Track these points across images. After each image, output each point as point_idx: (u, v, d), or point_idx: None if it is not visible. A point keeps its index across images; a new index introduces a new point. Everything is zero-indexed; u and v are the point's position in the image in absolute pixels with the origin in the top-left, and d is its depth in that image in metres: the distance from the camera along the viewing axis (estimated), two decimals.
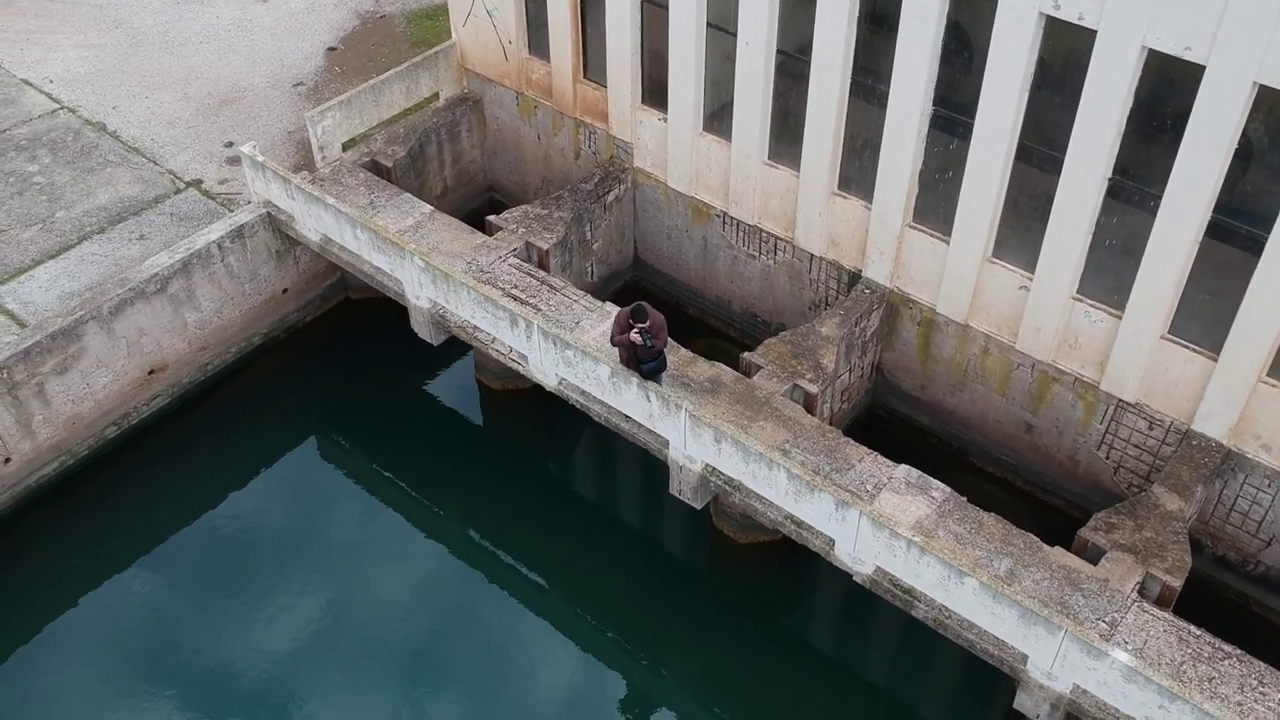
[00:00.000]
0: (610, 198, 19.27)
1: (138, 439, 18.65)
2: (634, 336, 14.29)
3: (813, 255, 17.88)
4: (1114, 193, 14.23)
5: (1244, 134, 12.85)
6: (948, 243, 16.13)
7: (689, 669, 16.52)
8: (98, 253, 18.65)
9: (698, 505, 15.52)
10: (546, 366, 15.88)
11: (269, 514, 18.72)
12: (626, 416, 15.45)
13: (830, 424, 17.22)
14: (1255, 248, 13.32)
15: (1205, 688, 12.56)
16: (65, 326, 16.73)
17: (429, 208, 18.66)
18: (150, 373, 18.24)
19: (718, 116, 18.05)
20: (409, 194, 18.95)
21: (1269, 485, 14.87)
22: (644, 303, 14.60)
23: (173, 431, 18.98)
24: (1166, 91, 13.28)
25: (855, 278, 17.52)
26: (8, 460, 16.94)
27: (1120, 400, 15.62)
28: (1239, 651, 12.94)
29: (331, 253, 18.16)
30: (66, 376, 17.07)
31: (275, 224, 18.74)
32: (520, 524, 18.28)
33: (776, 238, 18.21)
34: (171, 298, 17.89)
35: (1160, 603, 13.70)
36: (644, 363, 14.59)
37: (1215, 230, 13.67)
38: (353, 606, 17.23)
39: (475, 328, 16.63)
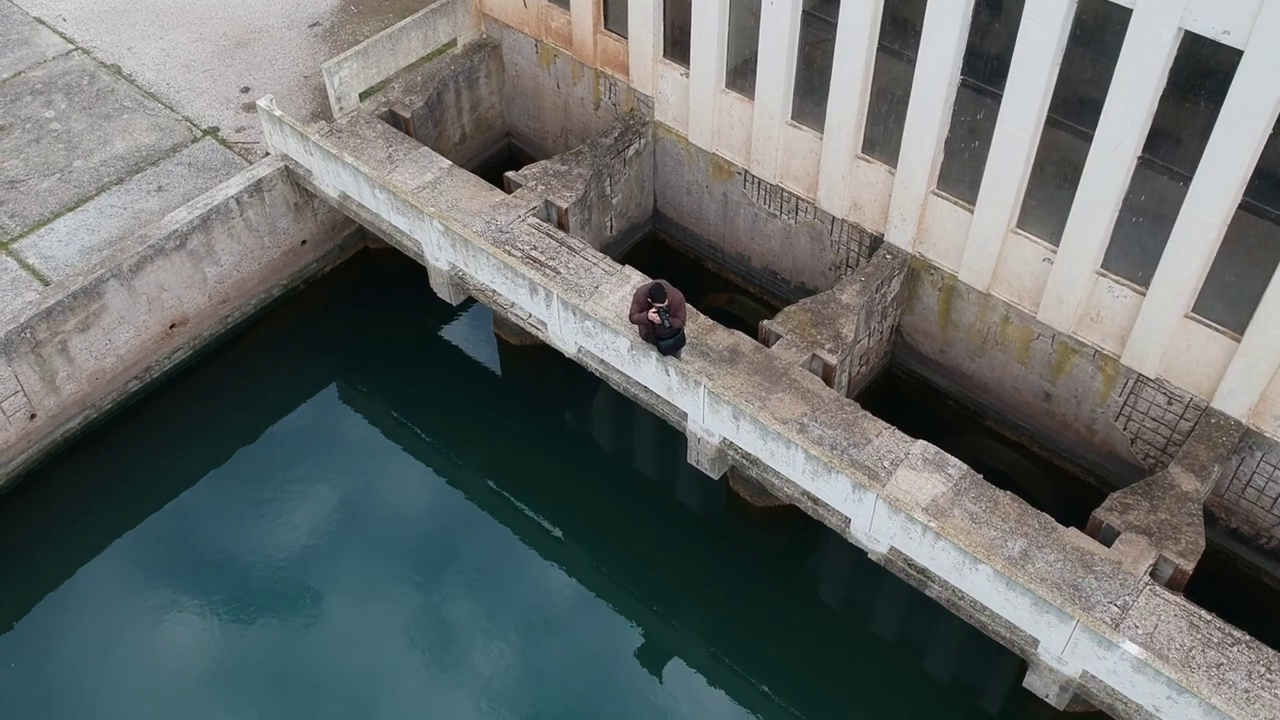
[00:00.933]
0: (630, 152, 19.05)
1: (160, 391, 18.82)
2: (653, 316, 14.25)
3: (834, 217, 17.72)
4: (1143, 171, 14.03)
5: None
6: (972, 212, 15.95)
7: (700, 623, 16.81)
8: (116, 205, 18.59)
9: (715, 476, 15.65)
10: (566, 335, 15.89)
11: (290, 459, 18.97)
12: (645, 388, 15.50)
13: (848, 387, 17.30)
14: None
15: (1213, 674, 12.76)
16: (87, 285, 16.78)
17: (447, 162, 18.48)
18: (171, 326, 18.32)
19: (741, 73, 17.73)
20: (427, 148, 18.75)
21: None
22: (663, 281, 14.53)
23: (194, 383, 19.15)
24: (1201, 72, 12.99)
25: (877, 241, 17.38)
26: (33, 416, 17.14)
27: (1140, 375, 15.58)
28: (1248, 637, 13.11)
29: (350, 209, 18.06)
30: (89, 334, 17.17)
31: (293, 178, 18.62)
32: (536, 473, 18.51)
33: (798, 198, 18.02)
34: (191, 253, 17.89)
35: (1172, 585, 13.84)
36: (662, 339, 14.58)
37: (1246, 211, 13.51)
38: (370, 547, 17.61)
39: (494, 292, 16.61)
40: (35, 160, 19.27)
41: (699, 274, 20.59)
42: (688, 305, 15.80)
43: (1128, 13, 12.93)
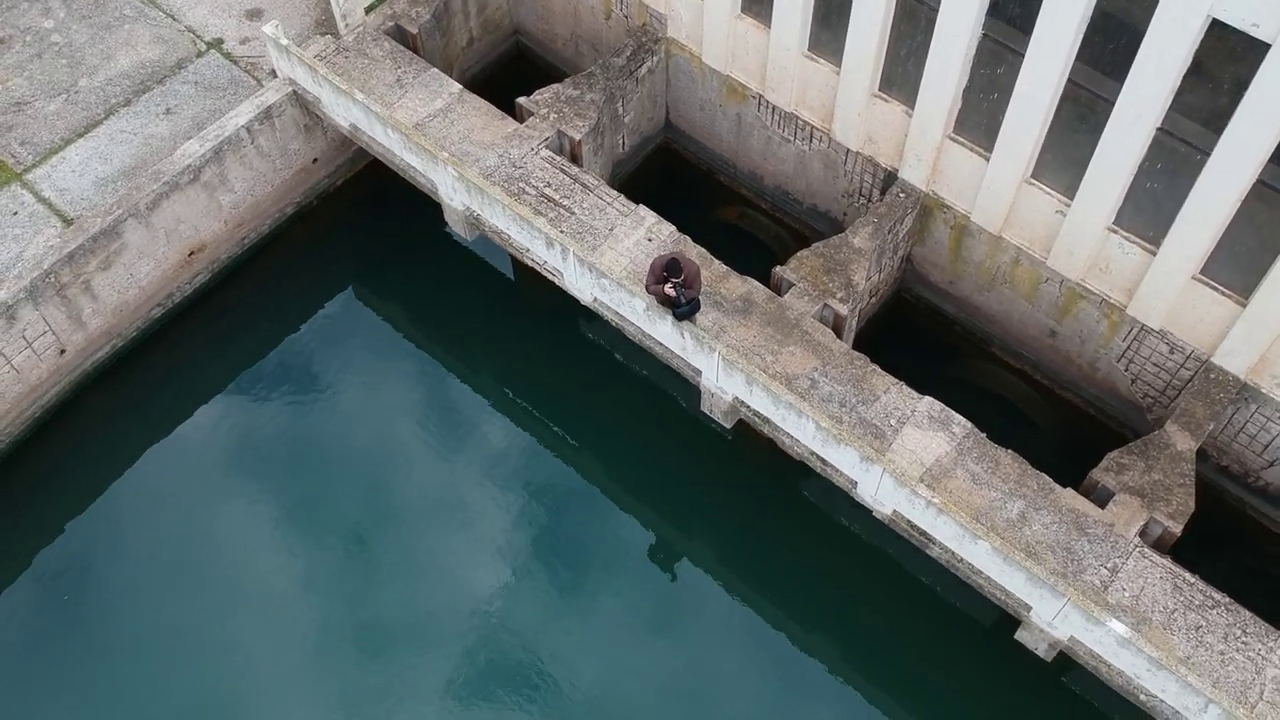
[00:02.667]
0: (642, 71, 18.72)
1: (183, 315, 19.19)
2: (669, 290, 14.48)
3: (849, 149, 17.62)
4: (1162, 139, 13.96)
5: None
6: (987, 159, 15.88)
7: (705, 531, 17.85)
8: (126, 130, 18.45)
9: (727, 426, 16.22)
10: (582, 286, 16.13)
11: (310, 367, 19.63)
12: (660, 343, 15.87)
13: (858, 316, 17.57)
14: None
15: (1192, 636, 13.67)
16: (106, 226, 16.90)
17: (457, 87, 18.21)
18: (190, 254, 18.52)
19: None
20: (436, 69, 18.40)
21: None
22: (679, 254, 14.67)
23: (216, 304, 19.50)
24: (1227, 57, 12.79)
25: (891, 177, 17.34)
26: (63, 351, 17.58)
27: (1145, 325, 15.91)
28: (1227, 600, 13.95)
29: (361, 140, 17.96)
30: (111, 271, 17.41)
31: (302, 102, 18.40)
32: (549, 381, 19.17)
33: (813, 127, 17.86)
34: (205, 184, 17.89)
35: (1159, 544, 14.63)
36: (678, 307, 14.85)
37: (1262, 186, 13.54)
38: (388, 451, 18.62)
39: (510, 237, 16.74)
40: (40, 79, 18.99)
41: (711, 186, 20.55)
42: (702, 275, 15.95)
43: None
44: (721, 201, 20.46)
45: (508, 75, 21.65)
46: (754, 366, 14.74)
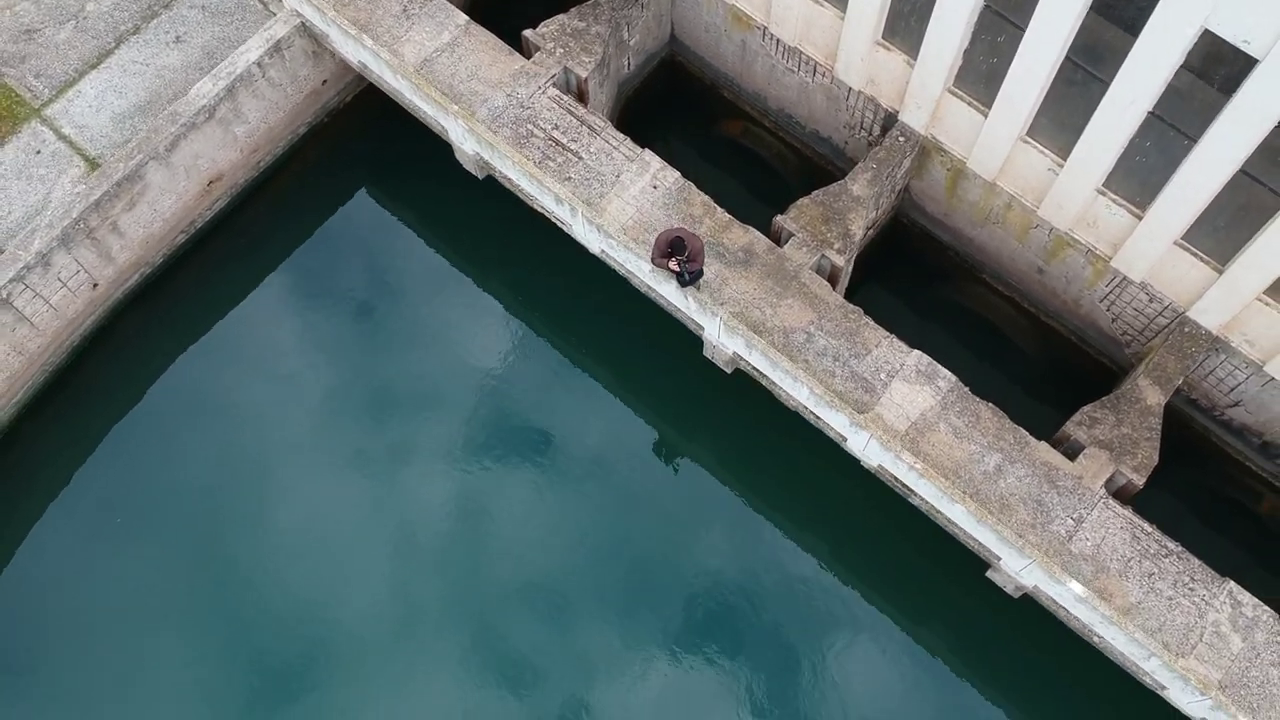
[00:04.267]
0: None
1: (206, 238, 19.93)
2: (673, 266, 15.20)
3: (851, 87, 17.88)
4: (1152, 124, 14.37)
5: None
6: (985, 115, 16.26)
7: (709, 460, 19.17)
8: (138, 60, 18.67)
9: (728, 373, 17.23)
10: (590, 239, 16.82)
11: (328, 276, 20.58)
12: (665, 298, 16.69)
13: (857, 249, 18.27)
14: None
15: (1145, 583, 15.11)
16: (129, 172, 17.45)
17: (464, 18, 18.23)
18: (209, 184, 19.09)
19: None
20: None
21: (1246, 368, 16.43)
22: (682, 232, 15.24)
23: (235, 225, 20.23)
24: (1218, 63, 13.09)
25: (892, 117, 17.68)
26: (95, 285, 18.44)
27: (1127, 276, 16.68)
28: (1180, 549, 15.31)
29: (371, 78, 18.19)
30: (135, 210, 18.06)
31: (311, 33, 18.52)
32: (557, 305, 20.10)
33: (817, 62, 18.04)
34: (220, 120, 18.29)
35: (1122, 494, 15.91)
36: (682, 277, 15.60)
37: (1244, 175, 14.08)
38: (407, 342, 20.01)
39: (521, 187, 17.27)
40: (47, 3, 19.02)
41: (714, 100, 20.78)
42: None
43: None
44: (725, 115, 20.75)
45: None
46: (754, 333, 15.66)
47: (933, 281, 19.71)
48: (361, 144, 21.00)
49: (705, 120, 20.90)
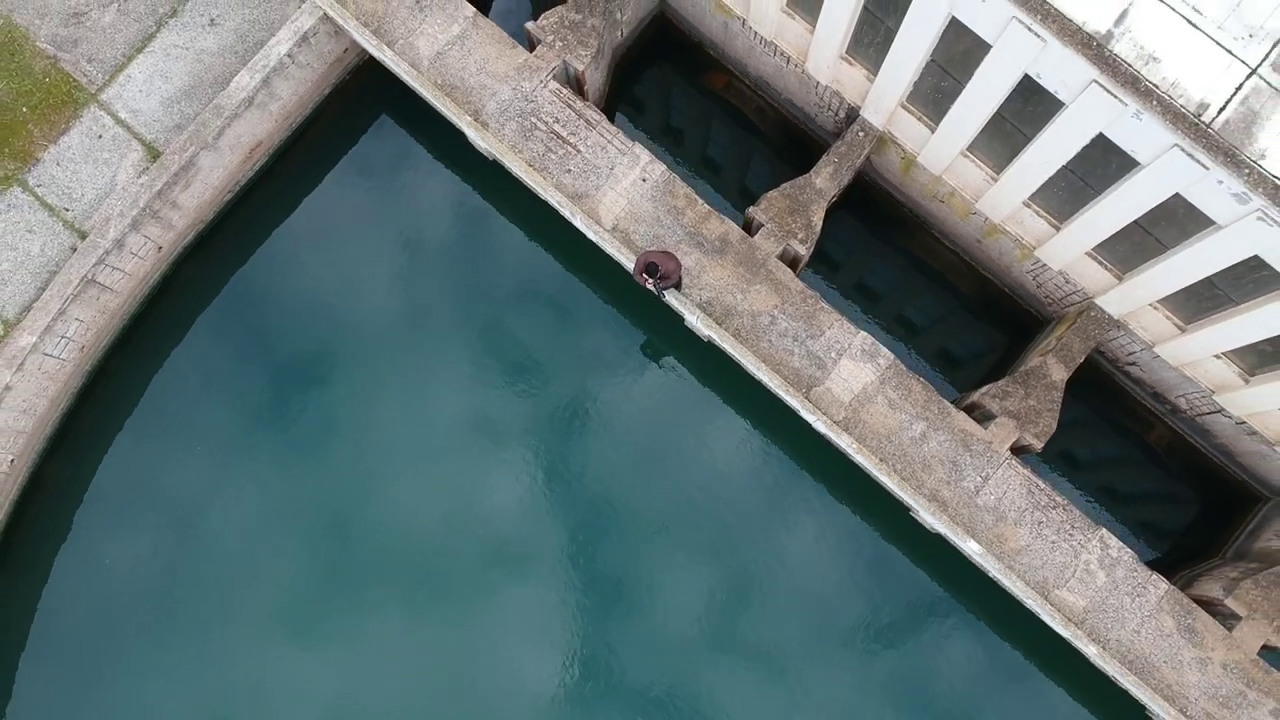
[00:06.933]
0: None
1: (249, 191, 22.39)
2: (649, 286, 17.99)
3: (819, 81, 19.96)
4: (1066, 173, 16.82)
5: None
6: (933, 131, 18.54)
7: (681, 405, 22.57)
8: (178, 44, 20.61)
9: (705, 341, 20.30)
10: (588, 233, 19.48)
11: (361, 211, 23.18)
12: None
13: (817, 236, 20.85)
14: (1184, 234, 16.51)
15: (1035, 530, 18.88)
16: (185, 162, 19.90)
17: (471, 10, 20.03)
18: (250, 152, 21.45)
19: None
20: None
21: (1141, 347, 19.52)
22: (657, 256, 17.86)
23: (275, 176, 22.60)
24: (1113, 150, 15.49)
25: (854, 111, 19.85)
26: (160, 249, 21.22)
27: (1047, 265, 19.45)
28: (1065, 502, 18.95)
29: (389, 69, 20.21)
30: (190, 188, 20.59)
31: (334, 22, 20.36)
32: (559, 270, 22.88)
33: (790, 55, 19.99)
34: (258, 105, 20.49)
35: (1022, 450, 19.42)
36: (657, 294, 18.45)
37: (1139, 224, 16.70)
38: (431, 271, 23.06)
39: (527, 184, 19.73)
40: None
41: (700, 56, 22.69)
42: (680, 265, 19.12)
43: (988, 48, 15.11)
44: (710, 69, 22.72)
45: None
46: (725, 331, 18.69)
47: (892, 229, 22.39)
48: (383, 96, 23.06)
49: (692, 72, 22.90)
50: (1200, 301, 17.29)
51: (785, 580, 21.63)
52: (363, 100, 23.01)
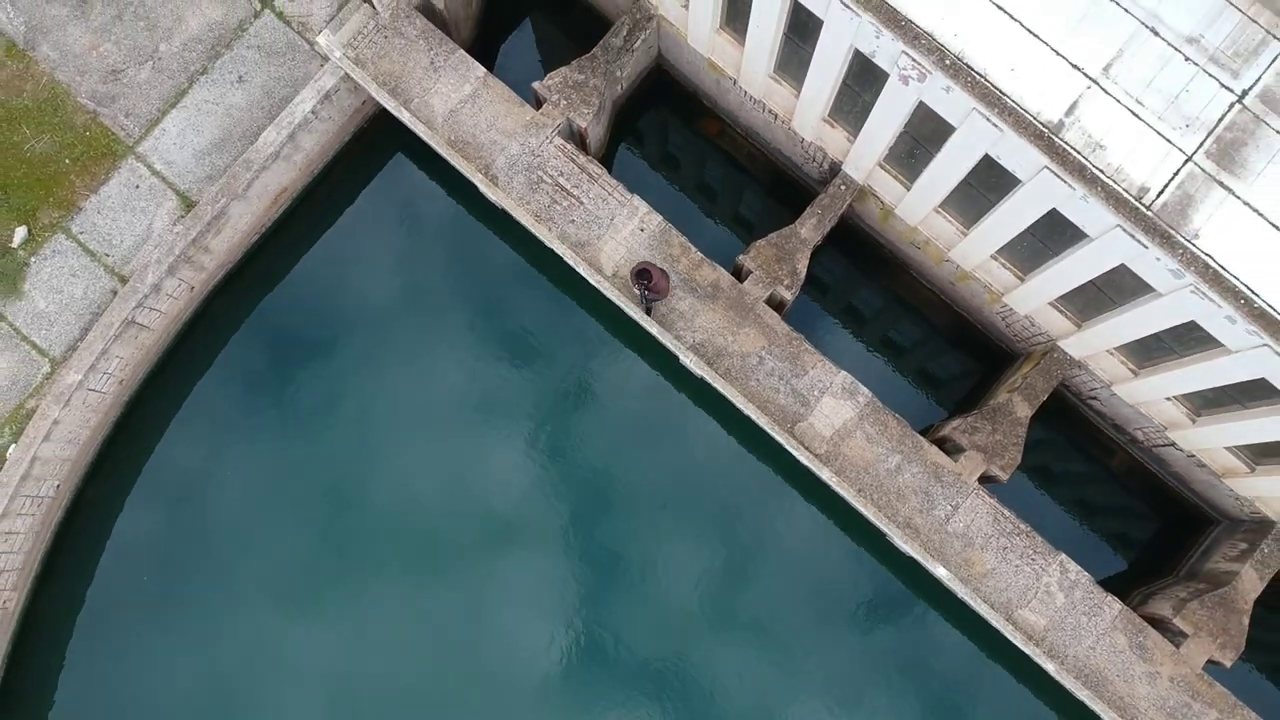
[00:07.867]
0: (637, 43, 21.89)
1: (273, 235, 23.99)
2: (636, 291, 19.67)
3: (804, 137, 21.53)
4: (1026, 235, 18.42)
5: None
6: (908, 189, 20.12)
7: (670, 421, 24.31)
8: (208, 99, 22.15)
9: (697, 376, 21.95)
10: (589, 278, 21.09)
11: (382, 246, 24.86)
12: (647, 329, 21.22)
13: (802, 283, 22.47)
14: (1132, 296, 18.20)
15: (1000, 554, 20.57)
16: (216, 212, 21.49)
17: (482, 71, 21.55)
18: (275, 198, 23.04)
19: (734, 16, 20.23)
20: (463, 51, 21.59)
21: (1100, 385, 21.17)
22: (651, 266, 19.53)
23: (297, 219, 24.19)
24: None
25: (837, 166, 21.42)
26: (192, 289, 22.85)
27: (1014, 309, 21.07)
28: (1028, 528, 20.63)
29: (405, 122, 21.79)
30: (221, 234, 22.20)
31: (353, 81, 21.90)
32: (564, 297, 24.49)
33: (777, 113, 21.53)
34: (284, 157, 22.07)
35: (989, 480, 21.10)
36: (645, 305, 20.15)
37: (1095, 284, 18.30)
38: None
39: (534, 233, 21.33)
40: (126, 44, 22.25)
41: (696, 104, 24.21)
42: (671, 284, 20.75)
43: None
44: (704, 117, 24.27)
45: None
46: (715, 372, 20.34)
47: (874, 268, 24.00)
48: (397, 133, 24.57)
49: (687, 117, 24.44)
50: (1150, 352, 18.95)
51: (775, 563, 23.51)
52: (379, 144, 24.56)
